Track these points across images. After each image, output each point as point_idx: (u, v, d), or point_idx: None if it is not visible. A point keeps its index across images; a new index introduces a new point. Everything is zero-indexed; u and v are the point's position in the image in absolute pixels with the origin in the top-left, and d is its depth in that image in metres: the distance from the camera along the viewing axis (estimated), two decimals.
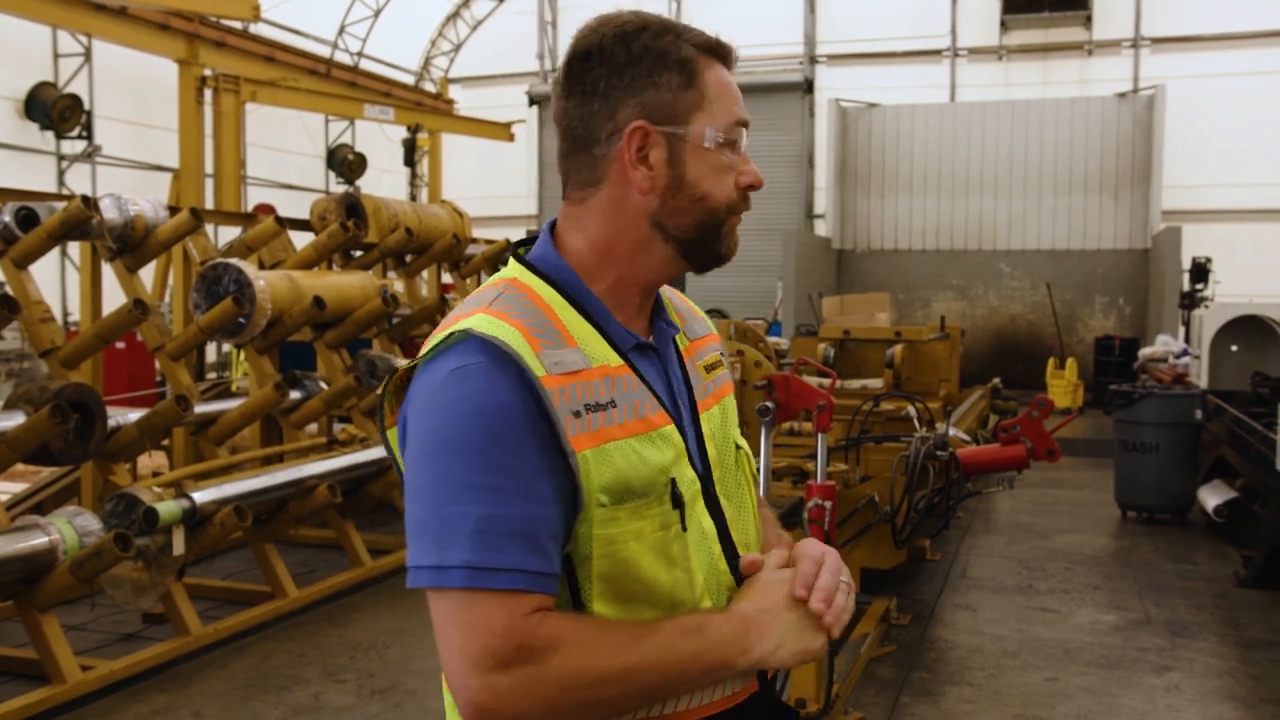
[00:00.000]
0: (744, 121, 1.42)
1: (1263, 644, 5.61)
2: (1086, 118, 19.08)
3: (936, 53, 21.26)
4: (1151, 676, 5.14)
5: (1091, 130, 19.03)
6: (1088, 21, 20.28)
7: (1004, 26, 20.73)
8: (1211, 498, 7.95)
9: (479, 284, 9.89)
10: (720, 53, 1.42)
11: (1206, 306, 13.20)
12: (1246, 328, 9.87)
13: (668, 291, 1.55)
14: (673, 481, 1.33)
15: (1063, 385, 15.71)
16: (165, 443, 7.59)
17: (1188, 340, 12.80)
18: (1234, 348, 9.82)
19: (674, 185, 1.37)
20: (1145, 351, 12.75)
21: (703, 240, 1.41)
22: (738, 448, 1.51)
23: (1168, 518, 8.41)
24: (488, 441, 1.21)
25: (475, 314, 1.30)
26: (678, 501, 1.33)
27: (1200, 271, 15.28)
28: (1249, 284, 16.64)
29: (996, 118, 19.44)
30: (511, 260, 1.43)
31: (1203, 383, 9.58)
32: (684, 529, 1.34)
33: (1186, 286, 15.44)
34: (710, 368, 1.51)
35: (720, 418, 1.48)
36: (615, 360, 1.34)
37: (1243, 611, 6.17)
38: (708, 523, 1.39)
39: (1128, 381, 10.38)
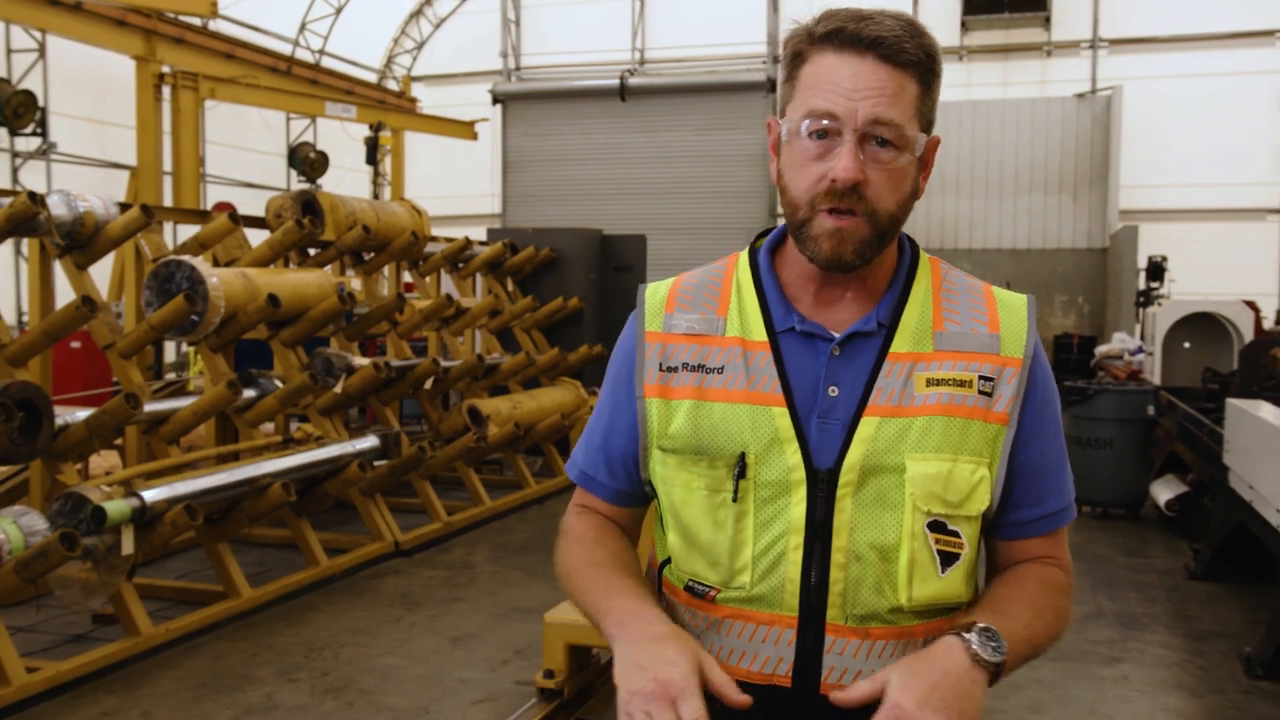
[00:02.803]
0: (824, 112, 1.34)
1: (1211, 635, 5.69)
2: (1046, 118, 19.28)
3: None
4: (1102, 668, 5.20)
5: (1051, 130, 19.23)
6: (1047, 23, 20.47)
7: (964, 27, 20.89)
8: (1163, 492, 8.05)
9: (439, 282, 9.83)
10: (838, 38, 1.35)
11: (1160, 304, 13.37)
12: (1199, 325, 10.01)
13: (961, 290, 1.48)
14: (742, 455, 1.39)
15: None
16: (118, 442, 7.51)
17: (1143, 337, 12.96)
18: (1187, 344, 9.95)
19: (779, 177, 1.43)
20: (1102, 349, 12.92)
21: (794, 235, 1.42)
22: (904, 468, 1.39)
23: (1121, 512, 8.52)
24: (610, 370, 1.58)
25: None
26: (742, 474, 1.39)
27: (1156, 270, 15.47)
28: (1204, 282, 16.89)
29: (958, 118, 19.59)
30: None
31: (1156, 379, 9.70)
32: (734, 499, 1.40)
33: (1143, 285, 15.63)
34: (939, 382, 1.40)
35: (899, 429, 1.38)
36: (758, 336, 1.43)
37: (1193, 603, 6.26)
38: (797, 513, 1.38)
39: (1086, 379, 10.50)
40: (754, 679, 1.41)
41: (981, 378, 1.41)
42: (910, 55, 1.35)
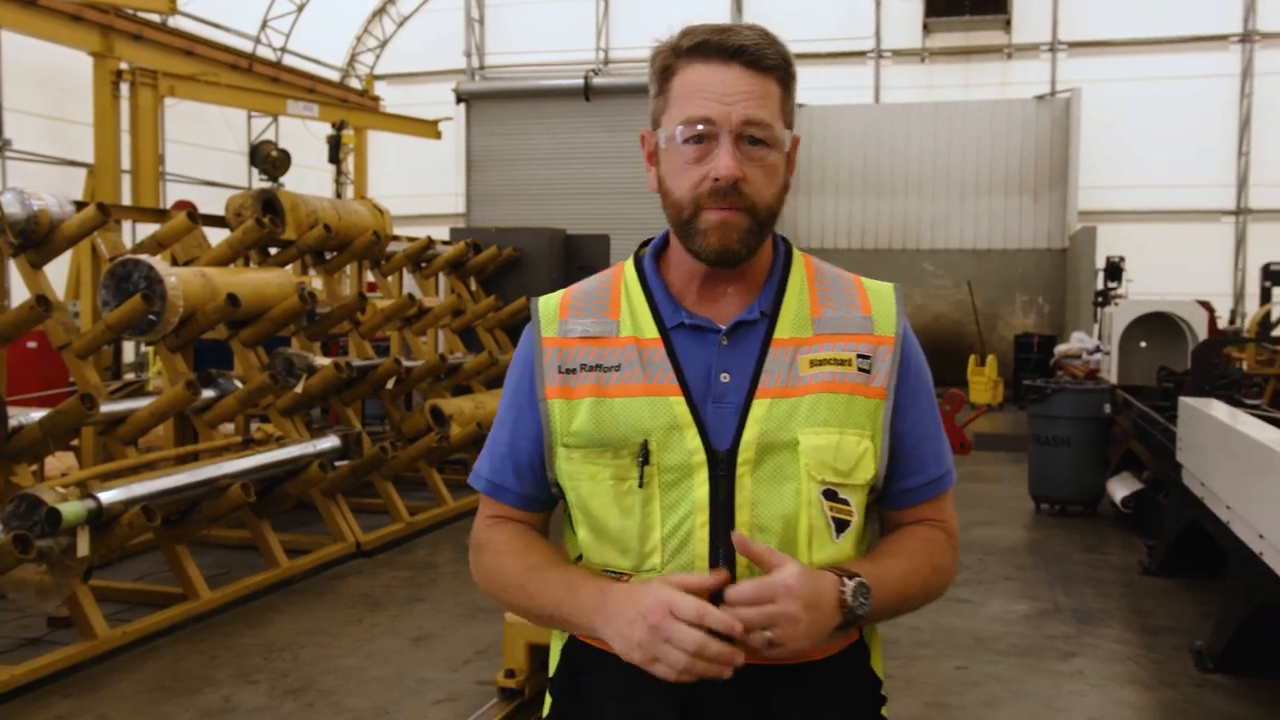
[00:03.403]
0: (701, 118, 1.44)
1: (1165, 630, 5.78)
2: (1007, 120, 19.48)
3: (861, 54, 21.54)
4: (1058, 663, 5.27)
5: (1011, 132, 19.43)
6: (1007, 25, 20.70)
7: (926, 29, 21.07)
8: (1119, 489, 8.16)
9: (401, 281, 9.79)
10: (704, 50, 1.46)
11: (1117, 304, 13.56)
12: (1156, 324, 10.16)
13: (833, 280, 1.59)
14: (645, 443, 1.47)
15: (983, 382, 16.02)
16: (74, 443, 7.42)
17: (1100, 337, 13.13)
18: (1143, 344, 10.10)
19: (660, 183, 1.52)
20: (1061, 348, 13.09)
21: (680, 235, 1.52)
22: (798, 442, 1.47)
23: (1079, 510, 8.63)
24: (509, 380, 1.63)
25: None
26: (645, 460, 1.47)
27: (1114, 270, 15.69)
28: (1160, 283, 17.15)
29: (920, 119, 19.74)
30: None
31: (1113, 378, 9.84)
32: (640, 485, 1.47)
33: (1101, 285, 15.84)
34: (821, 362, 1.50)
35: (789, 408, 1.47)
36: (650, 334, 1.52)
37: (1147, 599, 6.36)
38: (701, 494, 1.46)
39: (1045, 378, 10.62)
40: None
41: (859, 356, 1.53)
42: (771, 60, 1.47)
